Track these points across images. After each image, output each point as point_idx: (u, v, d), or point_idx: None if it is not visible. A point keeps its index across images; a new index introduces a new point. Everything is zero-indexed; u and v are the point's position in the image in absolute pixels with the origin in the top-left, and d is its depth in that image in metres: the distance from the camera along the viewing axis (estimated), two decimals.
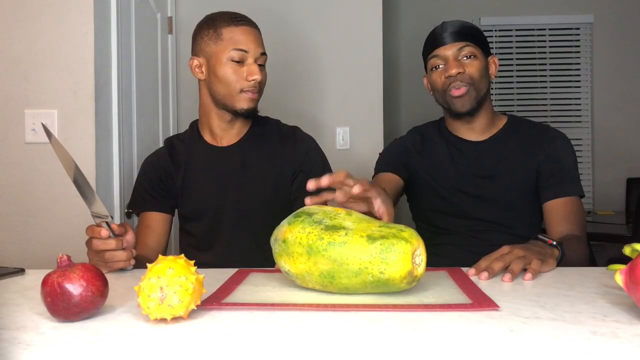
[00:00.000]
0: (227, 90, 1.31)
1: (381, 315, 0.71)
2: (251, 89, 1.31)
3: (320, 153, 1.44)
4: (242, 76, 1.30)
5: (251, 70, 1.30)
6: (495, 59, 1.40)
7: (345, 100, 2.71)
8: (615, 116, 4.00)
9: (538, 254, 0.98)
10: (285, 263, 0.83)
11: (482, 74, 1.34)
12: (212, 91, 1.34)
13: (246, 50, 1.30)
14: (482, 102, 1.36)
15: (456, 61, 1.32)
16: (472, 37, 1.34)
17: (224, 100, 1.33)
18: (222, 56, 1.30)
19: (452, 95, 1.33)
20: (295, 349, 0.60)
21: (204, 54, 1.34)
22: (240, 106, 1.32)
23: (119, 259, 1.02)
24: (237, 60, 1.30)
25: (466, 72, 1.32)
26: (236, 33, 1.30)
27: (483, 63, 1.35)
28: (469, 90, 1.32)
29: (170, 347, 0.61)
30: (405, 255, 0.76)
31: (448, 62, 1.33)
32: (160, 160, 1.41)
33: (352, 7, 2.70)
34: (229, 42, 1.30)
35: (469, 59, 1.33)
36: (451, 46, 1.33)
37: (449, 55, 1.33)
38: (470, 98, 1.33)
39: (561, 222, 1.29)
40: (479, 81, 1.33)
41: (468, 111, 1.34)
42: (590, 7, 4.01)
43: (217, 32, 1.32)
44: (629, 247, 0.76)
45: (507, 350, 0.58)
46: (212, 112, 1.37)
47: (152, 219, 1.37)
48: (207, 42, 1.33)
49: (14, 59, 1.68)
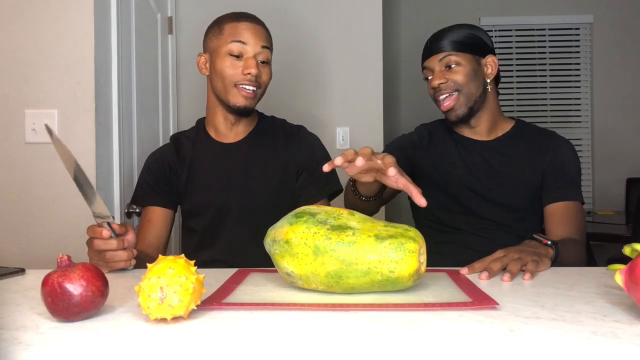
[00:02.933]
0: (222, 84, 1.32)
1: (381, 314, 0.71)
2: (246, 83, 1.30)
3: (324, 152, 1.45)
4: (238, 70, 1.30)
5: (247, 64, 1.29)
6: (494, 58, 1.38)
7: (345, 100, 2.71)
8: (615, 116, 4.00)
9: (533, 254, 0.99)
10: (288, 264, 0.82)
11: (470, 78, 1.33)
12: (212, 86, 1.36)
13: (244, 42, 1.30)
14: (477, 106, 1.36)
15: (440, 72, 1.34)
16: (457, 44, 1.33)
17: (220, 95, 1.34)
18: (222, 49, 1.31)
19: (442, 110, 1.36)
20: (295, 348, 0.60)
21: (208, 50, 1.36)
22: (234, 102, 1.32)
23: (119, 259, 1.02)
24: (235, 55, 1.30)
25: (449, 80, 1.33)
26: (237, 27, 1.31)
27: (470, 67, 1.33)
28: (457, 97, 1.33)
29: (170, 347, 0.61)
30: (413, 254, 0.78)
31: (434, 73, 1.36)
32: (165, 156, 1.42)
33: (352, 7, 2.70)
34: (228, 36, 1.31)
35: (452, 67, 1.33)
36: (434, 57, 1.35)
37: (433, 66, 1.35)
38: (460, 104, 1.34)
39: (560, 224, 1.29)
40: (466, 85, 1.33)
41: (460, 119, 1.36)
42: (590, 7, 4.01)
43: (220, 28, 1.33)
44: (629, 247, 0.76)
45: (507, 350, 0.58)
46: (216, 109, 1.38)
47: (154, 213, 1.38)
48: (211, 38, 1.35)
49: (14, 59, 1.67)
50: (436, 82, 1.33)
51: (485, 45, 1.38)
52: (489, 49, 1.38)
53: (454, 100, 1.33)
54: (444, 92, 1.34)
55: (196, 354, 0.59)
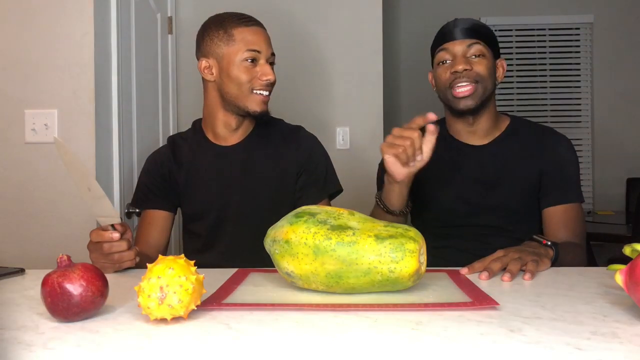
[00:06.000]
0: (239, 91, 1.32)
1: (381, 315, 0.71)
2: (263, 89, 1.32)
3: (323, 152, 1.45)
4: (255, 76, 1.31)
5: (265, 71, 1.31)
6: (504, 62, 1.37)
7: (345, 100, 2.71)
8: (615, 116, 4.00)
9: (533, 254, 0.99)
10: (288, 264, 0.82)
11: (490, 73, 1.31)
12: (223, 92, 1.34)
13: (259, 50, 1.31)
14: (486, 103, 1.33)
15: (464, 57, 1.29)
16: (483, 36, 1.32)
17: (235, 101, 1.33)
18: (235, 57, 1.31)
19: (455, 95, 1.30)
20: (295, 349, 0.60)
21: (214, 55, 1.33)
22: (253, 108, 1.33)
23: (127, 258, 1.04)
24: (250, 61, 1.31)
25: (473, 69, 1.28)
26: (248, 34, 1.31)
27: (491, 63, 1.32)
28: (475, 89, 1.29)
29: (170, 347, 0.61)
30: (413, 254, 0.78)
31: (456, 57, 1.30)
32: (163, 159, 1.42)
33: (352, 7, 2.70)
34: (241, 43, 1.31)
35: (478, 57, 1.30)
36: (461, 42, 1.30)
37: (458, 50, 1.30)
38: (476, 96, 1.29)
39: (560, 229, 1.28)
40: (486, 79, 1.30)
41: (470, 110, 1.31)
42: (590, 7, 4.01)
43: (228, 33, 1.32)
44: (629, 247, 0.76)
45: (507, 350, 0.58)
46: (218, 113, 1.37)
47: (154, 216, 1.38)
48: (218, 43, 1.32)
49: (14, 59, 1.67)
50: (461, 66, 1.27)
51: (499, 48, 1.38)
52: (499, 53, 1.38)
53: (472, 90, 1.29)
54: (464, 80, 1.28)
55: (196, 354, 0.59)
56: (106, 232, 1.02)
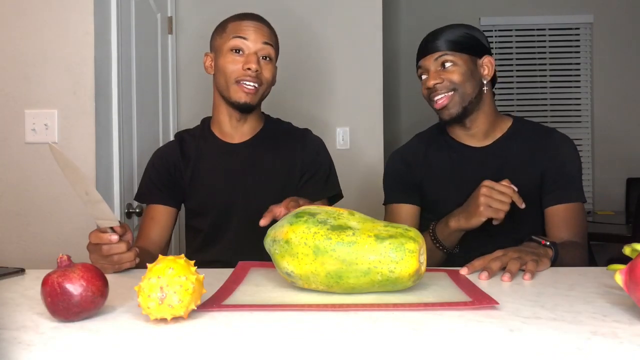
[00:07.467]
0: (225, 82, 1.33)
1: (381, 315, 0.71)
2: (247, 79, 1.30)
3: (327, 156, 1.46)
4: (239, 66, 1.31)
5: (248, 60, 1.30)
6: (490, 59, 1.35)
7: (345, 100, 2.71)
8: (615, 116, 4.00)
9: (532, 254, 0.99)
10: (288, 264, 0.82)
11: (466, 78, 1.30)
12: (216, 84, 1.37)
13: (245, 37, 1.31)
14: (472, 107, 1.32)
15: (435, 72, 1.30)
16: (455, 44, 1.31)
17: (224, 93, 1.35)
18: (224, 46, 1.33)
19: (436, 107, 1.32)
20: (295, 349, 0.60)
21: (213, 49, 1.38)
22: (236, 98, 1.32)
23: (127, 259, 1.04)
24: (237, 51, 1.31)
25: (444, 80, 1.29)
26: (239, 25, 1.33)
27: (467, 67, 1.30)
28: (452, 97, 1.30)
29: (170, 347, 0.61)
30: (413, 254, 0.78)
31: (429, 73, 1.32)
32: (169, 154, 1.42)
33: (352, 7, 2.70)
34: (230, 33, 1.33)
35: (447, 67, 1.30)
36: (430, 57, 1.32)
37: (429, 66, 1.32)
38: (455, 103, 1.30)
39: (561, 228, 1.28)
40: (462, 85, 1.29)
41: (454, 118, 1.32)
42: (590, 7, 4.01)
43: (224, 27, 1.36)
44: (629, 247, 0.76)
45: (507, 350, 0.58)
46: (221, 107, 1.39)
47: (157, 211, 1.38)
48: (216, 37, 1.37)
49: (14, 59, 1.68)
50: (431, 82, 1.30)
51: (482, 45, 1.35)
52: (486, 50, 1.35)
53: (449, 99, 1.30)
54: (440, 92, 1.30)
55: (196, 354, 0.59)
56: (105, 234, 1.02)
